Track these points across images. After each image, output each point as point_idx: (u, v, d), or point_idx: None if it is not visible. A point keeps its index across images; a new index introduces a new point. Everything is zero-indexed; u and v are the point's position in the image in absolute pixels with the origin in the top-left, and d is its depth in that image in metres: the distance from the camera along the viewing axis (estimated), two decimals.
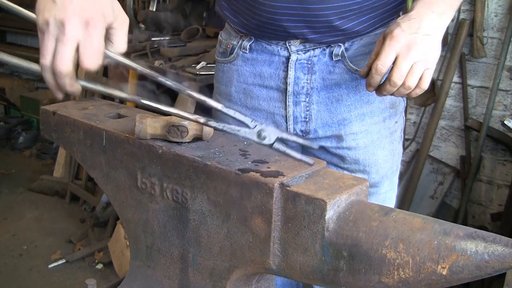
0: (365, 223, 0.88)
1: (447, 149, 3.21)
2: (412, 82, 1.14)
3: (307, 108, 1.39)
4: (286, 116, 1.41)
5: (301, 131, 1.42)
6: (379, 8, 1.34)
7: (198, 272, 1.09)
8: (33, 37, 5.92)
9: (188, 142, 1.11)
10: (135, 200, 1.17)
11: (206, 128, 1.11)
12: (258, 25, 1.35)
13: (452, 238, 0.81)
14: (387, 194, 1.51)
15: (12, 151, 5.00)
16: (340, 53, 1.35)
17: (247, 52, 1.42)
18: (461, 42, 2.94)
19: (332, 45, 1.35)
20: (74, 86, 0.94)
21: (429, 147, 3.16)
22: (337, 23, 1.30)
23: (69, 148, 1.30)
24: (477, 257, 0.79)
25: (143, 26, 3.36)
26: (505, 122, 2.74)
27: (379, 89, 1.19)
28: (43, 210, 3.94)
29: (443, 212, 3.20)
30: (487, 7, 2.91)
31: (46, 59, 0.98)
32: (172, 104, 1.05)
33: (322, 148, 1.45)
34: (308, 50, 1.35)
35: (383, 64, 1.13)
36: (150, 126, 1.10)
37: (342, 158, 1.44)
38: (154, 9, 3.46)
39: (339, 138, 1.42)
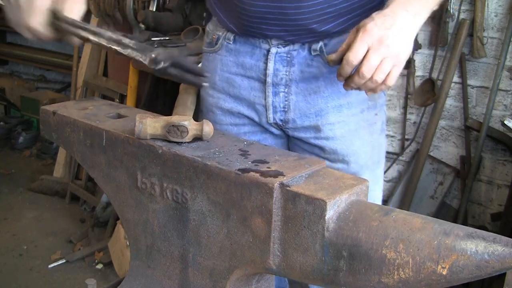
0: (365, 223, 0.88)
1: (447, 149, 3.21)
2: (379, 77, 1.16)
3: (286, 99, 1.45)
4: (266, 105, 1.47)
5: (280, 120, 1.47)
6: (357, 9, 1.36)
7: (198, 272, 1.09)
8: None
9: (188, 142, 1.11)
10: (135, 200, 1.17)
11: (206, 128, 1.11)
12: (242, 25, 1.43)
13: (452, 238, 0.81)
14: (370, 186, 1.53)
15: (12, 151, 5.00)
16: (318, 48, 1.40)
17: (231, 42, 1.48)
18: (461, 42, 2.94)
19: (310, 41, 1.40)
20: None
21: (429, 147, 3.16)
22: (314, 26, 1.35)
23: (69, 148, 1.30)
24: (477, 257, 0.79)
25: (143, 26, 3.36)
26: (505, 122, 2.73)
27: (348, 81, 1.22)
28: (43, 210, 3.94)
29: (443, 212, 3.20)
30: (487, 7, 2.91)
31: None
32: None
33: (302, 140, 1.50)
34: (288, 44, 1.41)
35: (354, 56, 1.15)
36: (150, 126, 1.10)
37: (321, 148, 1.48)
38: (154, 9, 3.46)
39: (316, 128, 1.46)
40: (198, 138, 1.12)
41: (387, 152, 3.41)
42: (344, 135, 1.47)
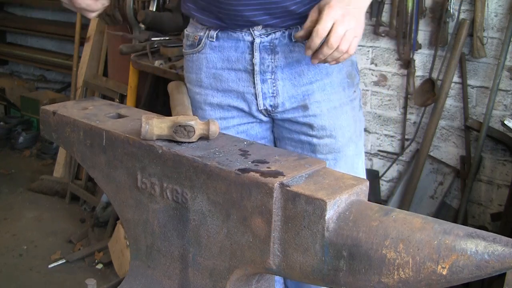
0: (365, 223, 0.88)
1: (447, 149, 3.21)
2: (344, 46, 1.32)
3: (274, 84, 1.55)
4: (255, 94, 1.56)
5: (270, 105, 1.57)
6: None
7: (198, 272, 1.09)
8: (33, 37, 5.92)
9: (188, 142, 1.11)
10: (135, 200, 1.17)
11: (212, 127, 1.12)
12: (224, 19, 1.51)
13: (452, 238, 0.81)
14: (355, 158, 1.66)
15: (12, 151, 5.00)
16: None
17: (214, 40, 1.56)
18: (461, 42, 2.93)
19: (290, 28, 1.52)
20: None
21: (429, 147, 3.16)
22: (293, 7, 1.48)
23: (69, 148, 1.30)
24: (477, 257, 0.79)
25: (143, 26, 3.36)
26: (505, 122, 2.73)
27: (316, 54, 1.35)
28: (43, 210, 3.94)
29: (443, 212, 3.19)
30: (487, 7, 2.91)
31: None
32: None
33: (290, 120, 1.59)
34: (270, 34, 1.52)
35: (323, 28, 1.29)
36: (157, 127, 1.10)
37: (310, 125, 1.58)
38: (154, 9, 3.46)
39: (304, 107, 1.57)
40: (204, 138, 1.13)
41: (387, 152, 3.42)
42: (330, 111, 1.59)
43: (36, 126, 5.17)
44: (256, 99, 1.56)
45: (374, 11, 3.24)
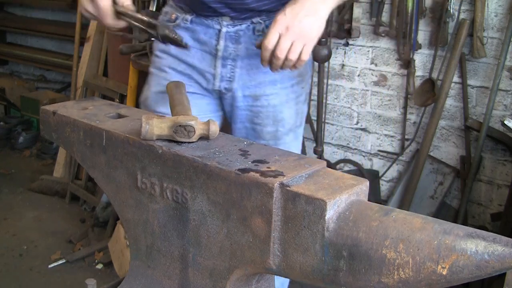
0: (365, 223, 0.88)
1: (447, 149, 3.21)
2: (293, 56, 1.43)
3: (232, 70, 1.72)
4: (214, 74, 1.72)
5: (225, 88, 1.73)
6: None
7: (198, 272, 1.09)
8: (33, 37, 5.92)
9: (188, 142, 1.11)
10: (135, 200, 1.17)
11: (212, 127, 1.12)
12: (196, 8, 1.69)
13: (452, 238, 0.81)
14: (292, 143, 1.85)
15: (12, 151, 5.00)
16: (261, 29, 1.67)
17: (188, 23, 1.72)
18: (461, 42, 2.93)
19: (254, 22, 1.67)
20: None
21: (429, 147, 3.16)
22: (254, 5, 1.63)
23: (69, 148, 1.30)
24: (477, 257, 0.79)
25: None
26: (505, 122, 2.73)
27: (271, 65, 1.48)
28: (43, 210, 3.94)
29: (443, 212, 3.19)
30: (487, 7, 2.91)
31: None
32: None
33: (240, 107, 1.76)
34: (236, 25, 1.68)
35: (269, 42, 1.42)
36: (157, 127, 1.10)
37: (257, 114, 1.76)
38: (154, 9, 3.46)
39: (254, 97, 1.74)
40: (203, 138, 1.13)
41: (387, 152, 3.42)
42: (276, 104, 1.76)
43: (36, 126, 5.17)
44: (214, 80, 1.72)
45: (374, 11, 3.24)
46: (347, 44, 3.44)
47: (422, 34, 3.15)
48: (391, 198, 3.35)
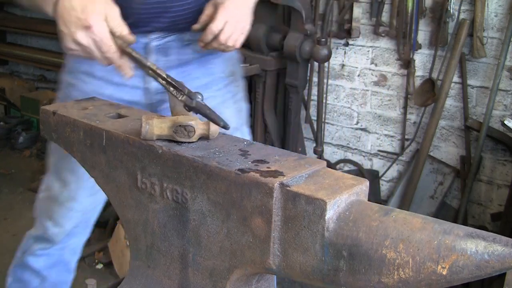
0: (365, 223, 0.88)
1: (447, 149, 3.21)
2: (231, 43, 1.56)
3: None
4: (147, 88, 1.71)
5: (158, 100, 1.73)
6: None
7: (198, 272, 1.09)
8: (33, 37, 5.92)
9: (188, 142, 1.11)
10: (135, 200, 1.17)
11: (212, 127, 1.12)
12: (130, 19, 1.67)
13: (452, 238, 0.81)
14: None
15: (12, 151, 5.00)
16: (187, 40, 1.71)
17: None
18: (461, 42, 2.94)
19: (181, 33, 1.70)
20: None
21: (429, 147, 3.16)
22: (185, 25, 1.67)
23: (69, 148, 1.30)
24: (477, 257, 0.79)
25: None
26: (505, 122, 2.73)
27: (207, 45, 1.57)
28: None
29: (443, 212, 3.20)
30: (487, 7, 2.91)
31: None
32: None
33: None
34: (165, 37, 1.69)
35: (216, 26, 1.52)
36: (157, 127, 1.10)
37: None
38: None
39: None
40: (204, 138, 1.13)
41: (387, 152, 3.42)
42: (215, 107, 1.76)
43: (36, 126, 5.17)
44: (145, 95, 1.72)
45: (374, 11, 3.25)
46: (347, 44, 3.44)
47: (422, 34, 3.15)
48: (391, 198, 3.35)
